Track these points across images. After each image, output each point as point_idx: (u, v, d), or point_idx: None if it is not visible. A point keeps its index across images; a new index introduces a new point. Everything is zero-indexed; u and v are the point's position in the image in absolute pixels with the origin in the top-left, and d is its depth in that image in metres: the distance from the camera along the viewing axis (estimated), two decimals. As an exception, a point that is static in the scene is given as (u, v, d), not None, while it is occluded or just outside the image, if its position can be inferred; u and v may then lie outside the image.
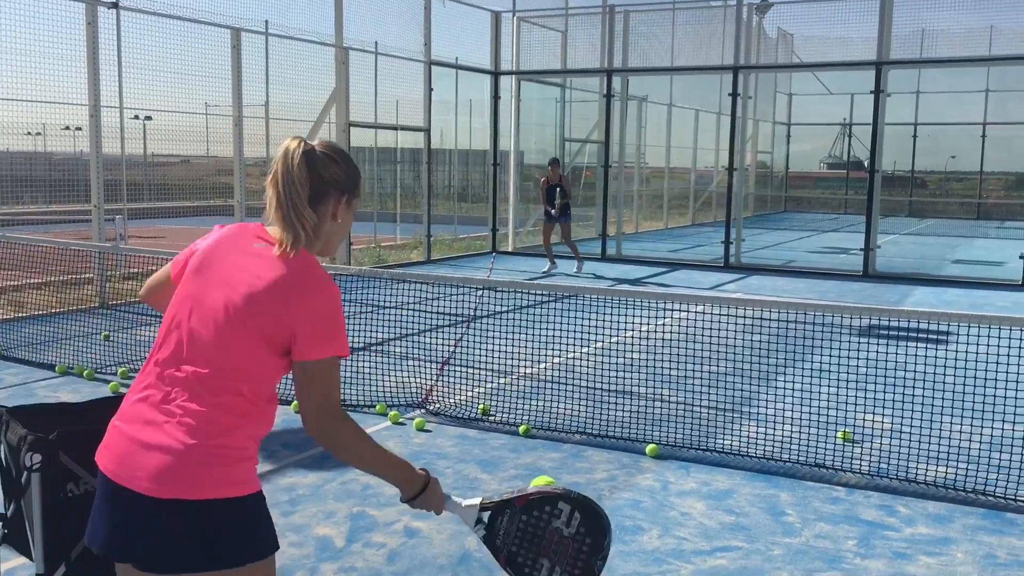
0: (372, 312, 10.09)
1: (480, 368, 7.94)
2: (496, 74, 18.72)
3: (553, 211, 15.23)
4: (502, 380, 7.62)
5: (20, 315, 10.11)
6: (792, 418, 6.49)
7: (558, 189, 15.17)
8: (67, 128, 14.62)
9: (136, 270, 12.14)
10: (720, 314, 7.75)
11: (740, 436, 6.30)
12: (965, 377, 6.31)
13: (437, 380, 7.37)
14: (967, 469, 5.61)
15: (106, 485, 2.31)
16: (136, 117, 15.66)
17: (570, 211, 15.53)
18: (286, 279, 2.31)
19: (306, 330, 2.29)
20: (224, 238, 2.44)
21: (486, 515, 2.50)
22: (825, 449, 5.97)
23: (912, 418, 6.43)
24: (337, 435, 2.35)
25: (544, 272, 15.44)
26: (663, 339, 8.46)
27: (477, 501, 2.52)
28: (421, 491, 2.46)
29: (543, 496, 2.49)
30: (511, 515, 2.49)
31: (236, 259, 2.37)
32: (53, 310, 10.26)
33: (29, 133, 15.59)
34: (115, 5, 11.53)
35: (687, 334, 7.64)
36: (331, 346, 2.33)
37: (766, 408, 6.90)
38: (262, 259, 2.35)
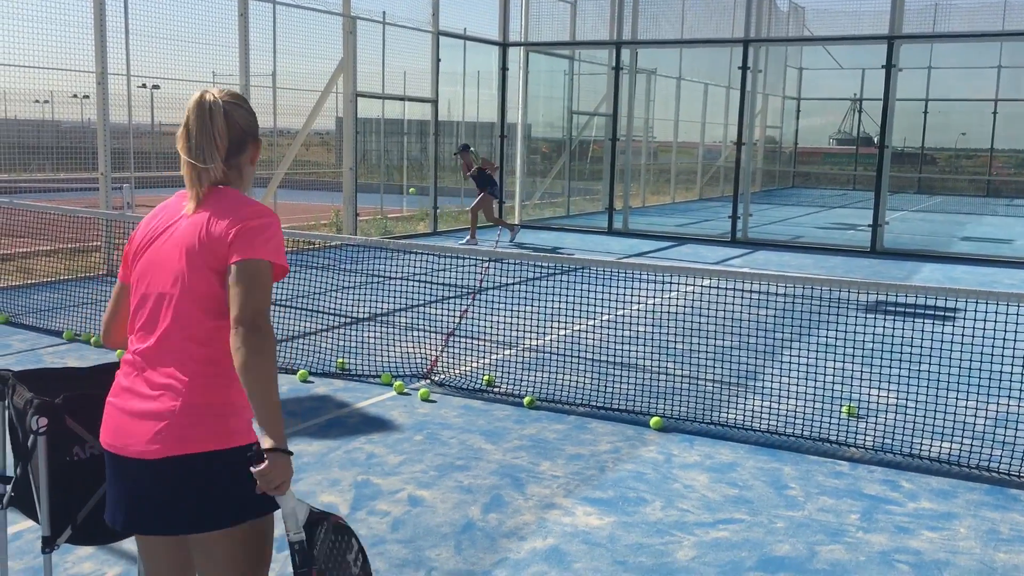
0: (378, 283, 10.09)
1: (485, 339, 7.95)
2: (504, 45, 18.59)
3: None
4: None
5: (28, 282, 10.14)
6: (797, 393, 6.49)
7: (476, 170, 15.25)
8: (75, 96, 14.57)
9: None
10: (726, 288, 7.75)
11: (744, 410, 6.31)
12: (971, 353, 6.30)
13: (442, 351, 7.38)
14: (971, 445, 5.61)
15: (110, 460, 2.39)
16: (143, 86, 15.61)
17: (492, 187, 15.48)
18: (216, 206, 2.43)
19: (237, 237, 2.35)
20: (153, 214, 2.57)
21: (313, 519, 2.44)
22: (829, 424, 5.97)
23: (917, 394, 6.43)
24: (257, 340, 2.26)
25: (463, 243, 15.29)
26: (669, 312, 8.46)
27: (306, 504, 2.44)
28: (282, 451, 2.27)
29: (346, 526, 2.53)
30: (326, 529, 2.44)
31: (174, 220, 2.48)
32: (61, 277, 10.28)
33: (37, 101, 15.56)
34: (122, -28, 11.45)
35: (693, 308, 7.63)
36: (261, 250, 2.35)
37: (771, 382, 6.90)
38: (199, 208, 2.46)
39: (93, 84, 11.32)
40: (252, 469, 2.25)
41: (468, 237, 15.38)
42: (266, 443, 2.24)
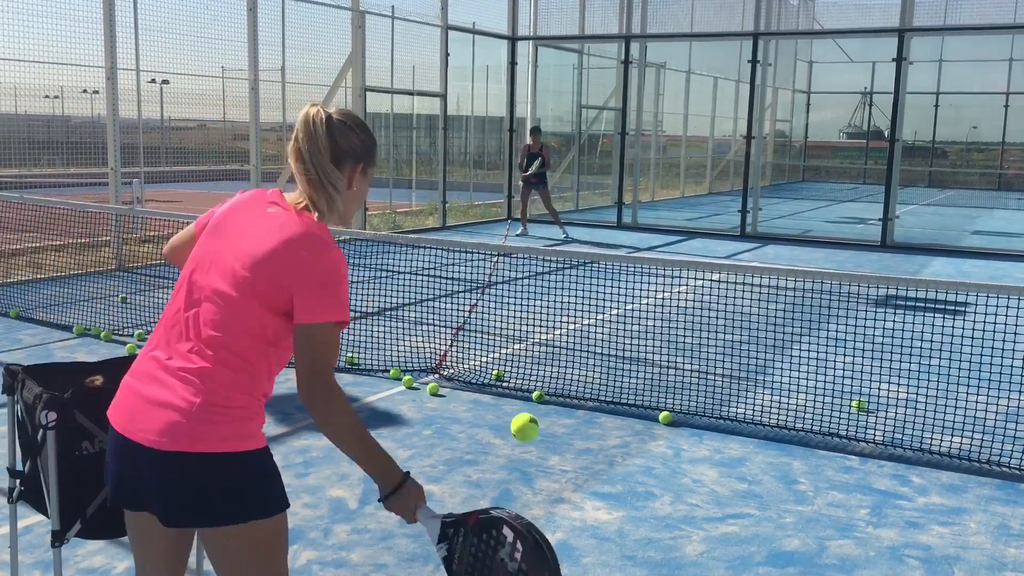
0: (387, 277, 10.10)
1: (494, 334, 7.95)
2: (513, 39, 18.57)
3: (525, 175, 15.36)
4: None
5: (39, 277, 10.18)
6: (806, 387, 6.47)
7: (539, 159, 15.30)
8: (84, 91, 14.62)
9: (153, 233, 12.19)
10: (736, 282, 7.73)
11: (754, 404, 6.29)
12: (982, 348, 6.27)
13: (451, 345, 7.38)
14: (982, 440, 5.59)
15: (116, 439, 2.38)
16: (153, 81, 15.65)
17: (546, 180, 15.62)
18: (288, 243, 2.31)
19: (304, 294, 2.29)
20: (240, 202, 2.48)
21: (448, 530, 2.33)
22: (839, 418, 5.95)
23: (928, 388, 6.41)
24: (324, 403, 2.28)
25: (517, 235, 15.65)
26: (678, 307, 8.44)
27: (439, 517, 2.35)
28: (398, 487, 2.33)
29: (490, 519, 2.26)
30: (465, 536, 2.30)
31: (247, 223, 2.40)
32: (71, 272, 10.32)
33: (47, 96, 15.60)
34: (131, -33, 11.47)
35: (702, 302, 7.61)
36: (328, 311, 2.30)
37: (780, 377, 6.88)
38: (270, 223, 2.36)
39: (103, 79, 11.35)
40: (387, 507, 2.35)
41: (520, 229, 15.71)
42: (382, 492, 2.35)
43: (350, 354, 7.19)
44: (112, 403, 2.43)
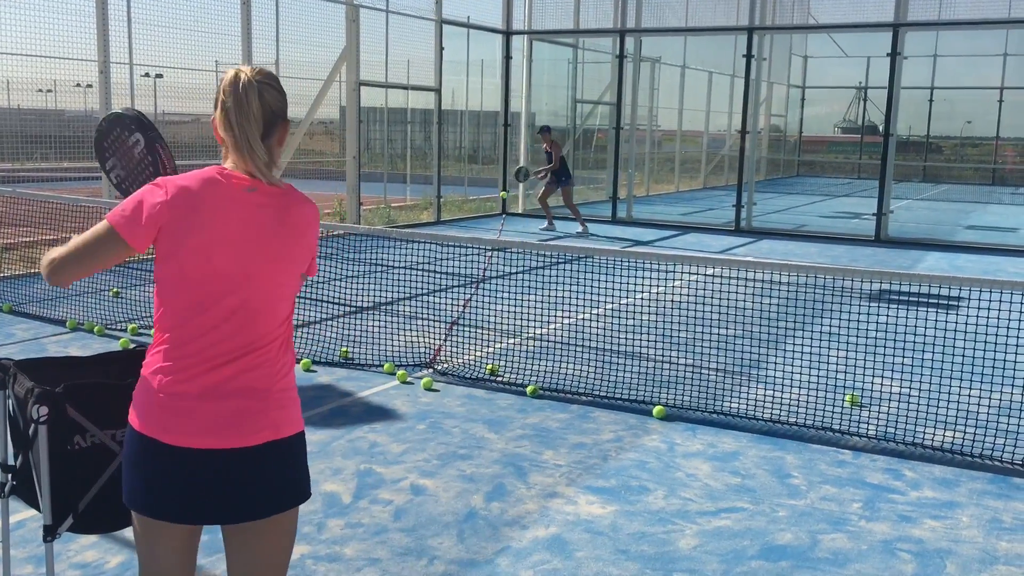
0: (381, 272, 10.09)
1: (488, 329, 7.95)
2: (508, 34, 18.54)
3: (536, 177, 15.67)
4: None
5: (32, 271, 10.16)
6: (800, 381, 6.48)
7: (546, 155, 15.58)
8: (78, 85, 14.56)
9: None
10: (730, 277, 7.74)
11: (747, 399, 6.30)
12: (975, 342, 6.29)
13: (445, 340, 7.38)
14: (975, 434, 5.60)
15: (185, 457, 2.33)
16: (147, 75, 15.58)
17: (564, 177, 15.67)
18: (305, 213, 2.46)
19: (315, 252, 2.53)
20: (208, 197, 2.33)
21: None
22: (832, 413, 5.97)
23: (921, 382, 6.42)
24: None
25: (541, 229, 15.84)
26: (672, 301, 8.45)
27: None
28: None
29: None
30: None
31: (248, 216, 2.35)
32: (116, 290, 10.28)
33: (40, 90, 15.53)
34: (124, -40, 11.42)
35: (697, 297, 7.62)
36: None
37: (774, 371, 6.89)
38: (271, 204, 2.39)
39: (96, 73, 11.31)
40: None
41: (546, 223, 15.90)
42: None
43: (344, 348, 7.18)
44: (171, 425, 2.33)
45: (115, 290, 9.25)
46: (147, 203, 2.30)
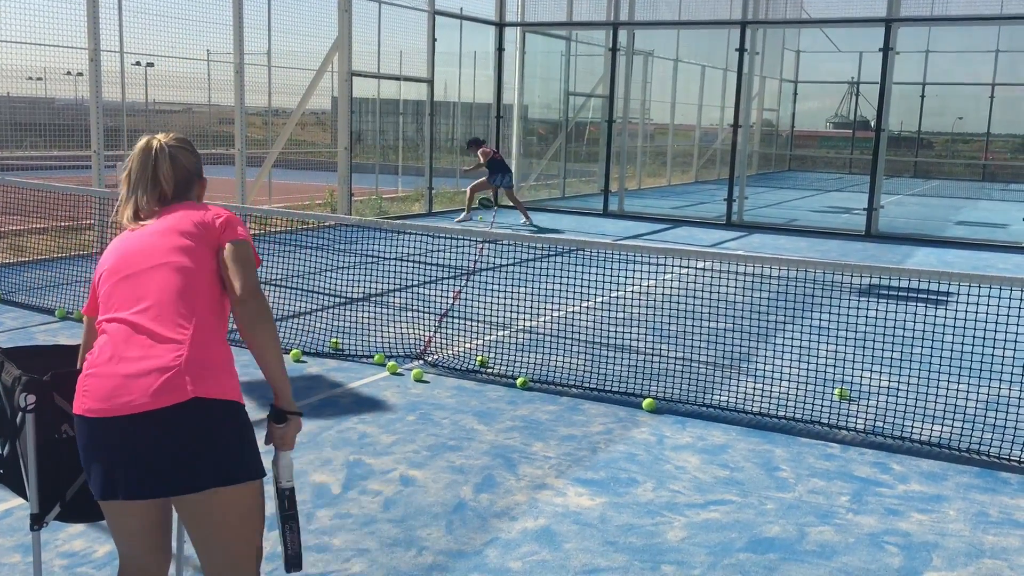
0: (372, 263, 10.08)
1: (479, 320, 7.95)
2: (501, 25, 18.50)
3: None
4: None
5: (21, 260, 10.11)
6: (789, 375, 6.50)
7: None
8: (68, 73, 14.47)
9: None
10: (721, 271, 7.75)
11: (737, 392, 6.32)
12: (964, 337, 6.31)
13: (436, 331, 7.38)
14: (962, 428, 5.63)
15: (95, 427, 2.36)
16: (137, 63, 15.50)
17: (502, 176, 15.63)
18: (188, 207, 2.64)
19: (225, 225, 2.62)
20: (110, 249, 2.64)
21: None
22: (821, 406, 5.98)
23: (909, 377, 6.45)
24: (266, 312, 2.50)
25: (456, 221, 15.52)
26: (663, 295, 8.46)
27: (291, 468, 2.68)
28: (296, 412, 2.59)
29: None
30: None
31: (136, 235, 2.61)
32: (53, 255, 10.25)
33: (30, 78, 15.43)
34: (115, -53, 11.35)
35: (687, 290, 7.63)
36: (245, 235, 2.63)
37: (764, 365, 6.91)
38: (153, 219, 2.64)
39: (86, 61, 11.25)
40: (278, 427, 2.55)
41: (523, 219, 15.71)
42: (286, 406, 2.55)
43: (334, 339, 7.17)
44: (77, 398, 2.45)
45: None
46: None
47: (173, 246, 2.51)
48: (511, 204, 16.36)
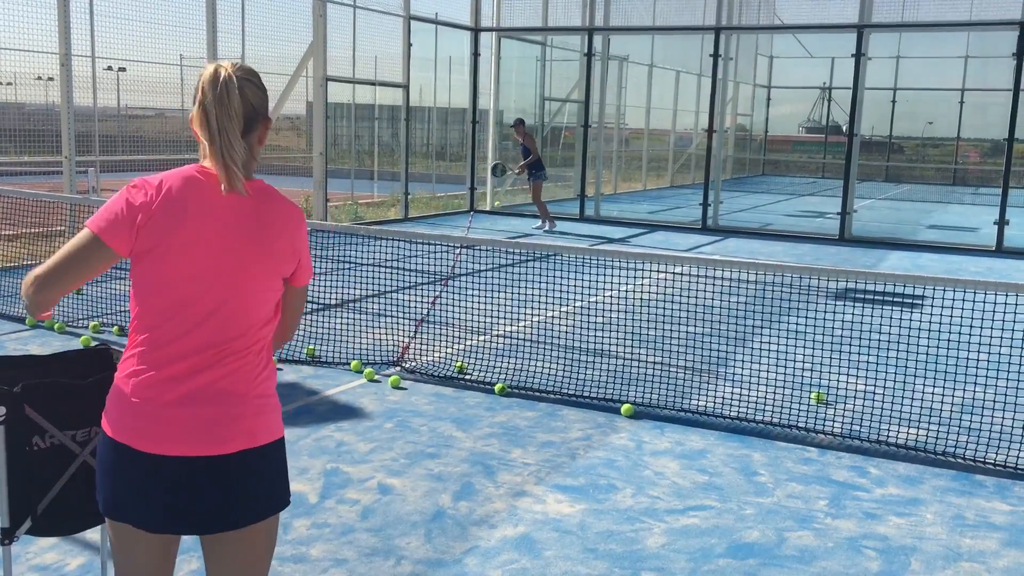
0: (348, 269, 10.03)
1: (457, 326, 7.92)
2: (476, 31, 18.49)
3: (516, 172, 15.71)
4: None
5: (-10, 268, 9.96)
6: (767, 379, 6.52)
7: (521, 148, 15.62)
8: (39, 78, 14.31)
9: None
10: (697, 275, 7.77)
11: (715, 397, 6.33)
12: (938, 340, 6.36)
13: (413, 338, 7.34)
14: (938, 431, 5.67)
15: (158, 464, 2.27)
16: (109, 68, 15.34)
17: (537, 171, 15.67)
18: (281, 212, 2.36)
19: (305, 256, 2.44)
20: (187, 196, 2.27)
21: None
22: (798, 411, 6.01)
23: (885, 380, 6.49)
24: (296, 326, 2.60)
25: (534, 229, 15.78)
26: (640, 300, 8.47)
27: None
28: None
29: None
30: None
31: (226, 216, 2.29)
32: (24, 262, 10.11)
33: (0, 82, 15.24)
34: (86, -49, 11.24)
35: (664, 295, 7.64)
36: (310, 271, 2.54)
37: (741, 369, 6.93)
38: (249, 204, 2.31)
39: (57, 66, 11.12)
40: None
41: (544, 223, 15.69)
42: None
43: (310, 346, 7.11)
44: (142, 431, 2.27)
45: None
46: (127, 205, 2.23)
47: (269, 277, 2.34)
48: (532, 202, 16.30)
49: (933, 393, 6.17)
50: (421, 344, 7.35)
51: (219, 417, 2.27)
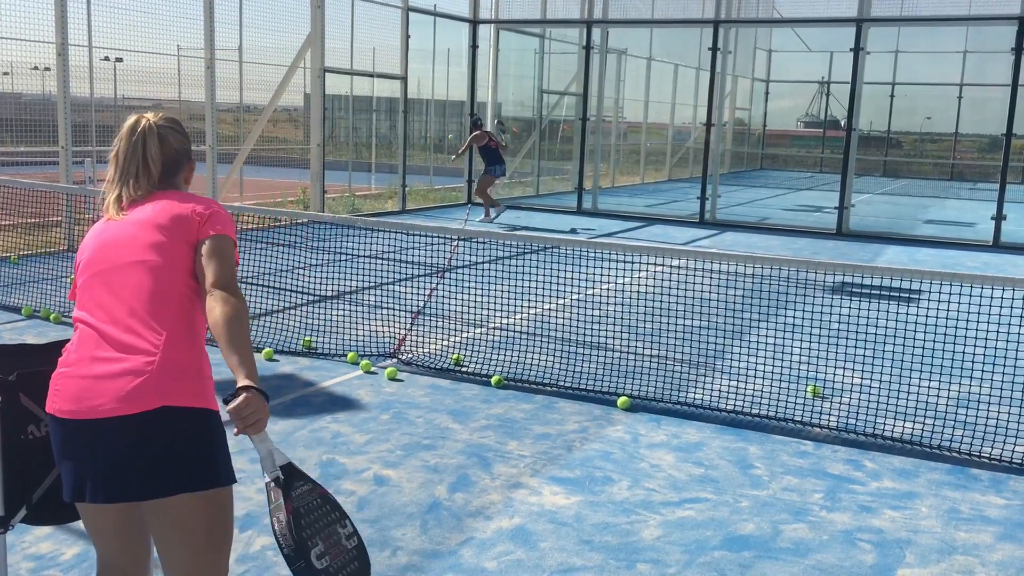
0: (345, 261, 10.02)
1: (453, 319, 7.92)
2: (475, 23, 18.46)
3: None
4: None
5: (-14, 258, 9.94)
6: (763, 373, 6.52)
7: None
8: (35, 68, 14.28)
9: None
10: (694, 269, 7.77)
11: (711, 390, 6.33)
12: (934, 335, 6.37)
13: (410, 330, 7.34)
14: (933, 425, 5.68)
15: (64, 427, 2.32)
16: (106, 58, 15.31)
17: (494, 165, 15.54)
18: (173, 197, 2.57)
19: (210, 219, 2.56)
20: (91, 233, 2.62)
21: (284, 471, 2.45)
22: (795, 404, 6.01)
23: (881, 374, 6.49)
24: (237, 301, 2.41)
25: (479, 220, 15.52)
26: (637, 293, 8.47)
27: (285, 455, 2.50)
28: (259, 390, 2.32)
29: (338, 504, 2.52)
30: (310, 489, 2.47)
31: (116, 223, 2.56)
32: (20, 253, 10.10)
33: (-4, 72, 15.20)
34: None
35: (661, 288, 7.64)
36: (229, 230, 2.59)
37: (738, 362, 6.93)
38: (134, 207, 2.58)
39: (53, 56, 11.09)
40: (228, 407, 2.26)
41: (489, 213, 15.53)
42: (243, 381, 2.28)
43: (307, 338, 7.11)
44: (50, 397, 2.41)
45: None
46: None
47: (149, 242, 2.45)
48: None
49: (929, 387, 6.18)
50: (417, 336, 7.35)
51: (111, 376, 2.35)
